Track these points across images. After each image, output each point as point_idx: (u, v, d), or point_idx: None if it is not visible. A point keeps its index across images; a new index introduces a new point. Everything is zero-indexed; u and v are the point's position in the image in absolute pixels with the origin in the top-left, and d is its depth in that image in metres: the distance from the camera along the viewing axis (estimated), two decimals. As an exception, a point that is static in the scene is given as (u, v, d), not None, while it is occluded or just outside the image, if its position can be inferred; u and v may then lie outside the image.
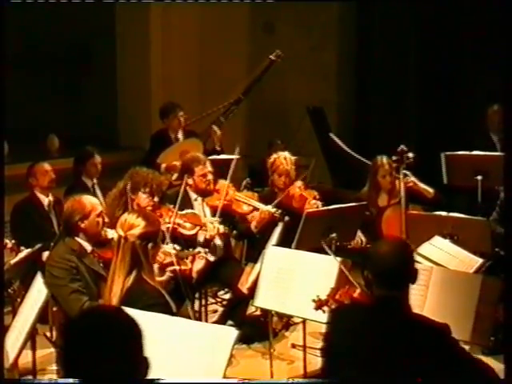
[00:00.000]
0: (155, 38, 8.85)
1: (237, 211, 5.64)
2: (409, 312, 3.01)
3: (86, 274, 4.22)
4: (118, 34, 8.88)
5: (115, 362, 2.05)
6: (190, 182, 5.59)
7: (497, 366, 4.67)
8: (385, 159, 5.96)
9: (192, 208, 5.57)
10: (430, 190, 5.90)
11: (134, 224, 3.84)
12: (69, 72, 9.35)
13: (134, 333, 2.11)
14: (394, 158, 5.73)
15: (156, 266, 4.09)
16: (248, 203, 5.66)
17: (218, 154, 6.93)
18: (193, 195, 5.62)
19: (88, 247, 4.36)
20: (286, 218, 5.39)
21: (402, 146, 5.65)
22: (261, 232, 5.63)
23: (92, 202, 4.44)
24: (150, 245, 3.79)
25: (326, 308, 3.76)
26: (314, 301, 3.79)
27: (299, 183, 5.99)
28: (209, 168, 5.58)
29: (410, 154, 5.64)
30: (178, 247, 4.70)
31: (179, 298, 4.24)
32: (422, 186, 5.88)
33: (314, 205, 5.66)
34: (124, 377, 2.06)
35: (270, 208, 5.58)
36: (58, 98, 9.26)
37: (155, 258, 3.96)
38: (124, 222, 3.90)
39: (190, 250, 4.79)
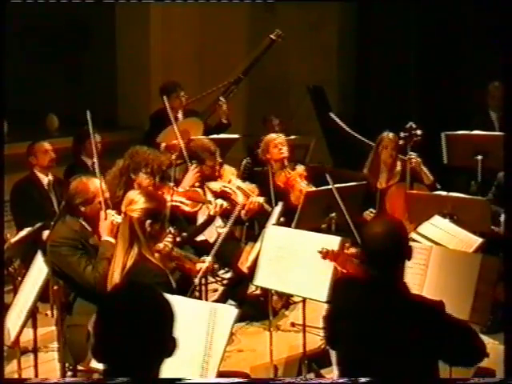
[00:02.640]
0: (155, 17, 8.80)
1: (232, 199, 5.64)
2: (403, 291, 3.00)
3: (92, 250, 4.24)
4: (117, 13, 8.83)
5: (147, 340, 2.09)
6: (194, 166, 5.64)
7: (495, 345, 4.72)
8: (391, 134, 5.94)
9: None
10: (431, 177, 5.89)
11: (133, 200, 3.88)
12: (68, 51, 9.30)
13: (166, 311, 2.14)
14: (402, 134, 5.69)
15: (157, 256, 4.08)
16: (245, 193, 5.67)
17: (225, 127, 6.92)
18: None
19: (89, 229, 4.35)
20: (279, 206, 5.38)
21: (411, 123, 5.62)
22: (250, 220, 5.72)
23: (97, 188, 4.36)
24: (148, 221, 3.80)
25: (329, 260, 3.86)
26: (319, 252, 3.91)
27: (301, 169, 6.10)
28: (218, 159, 5.63)
29: (419, 132, 5.61)
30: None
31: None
32: (425, 170, 5.88)
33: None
34: (154, 355, 2.10)
35: (260, 199, 5.62)
36: (58, 77, 9.22)
37: (159, 237, 3.97)
38: (126, 199, 3.95)
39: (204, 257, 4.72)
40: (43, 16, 8.94)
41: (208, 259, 4.51)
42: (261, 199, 5.64)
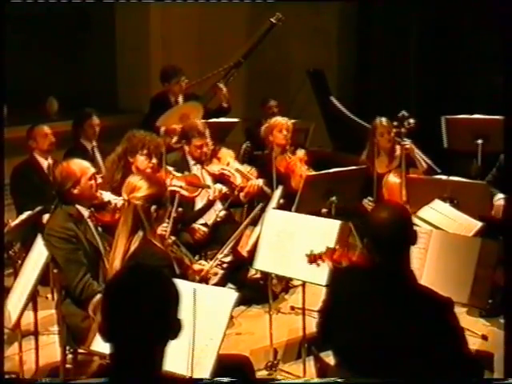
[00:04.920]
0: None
1: (231, 181, 5.65)
2: (409, 279, 2.99)
3: (85, 242, 4.21)
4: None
5: (153, 321, 2.11)
6: (187, 149, 5.63)
7: (494, 329, 4.74)
8: (383, 118, 5.97)
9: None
10: (424, 165, 5.89)
11: (136, 186, 3.85)
12: (68, 34, 9.28)
13: (171, 293, 2.17)
14: (395, 123, 5.71)
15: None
16: (245, 175, 5.67)
17: (226, 111, 6.91)
18: (191, 161, 5.67)
19: (85, 212, 4.32)
20: (279, 190, 5.37)
21: (404, 112, 5.62)
22: (249, 202, 5.73)
23: (81, 166, 4.32)
24: (153, 207, 3.79)
25: (320, 262, 3.77)
26: (307, 255, 3.81)
27: (302, 154, 6.11)
28: (206, 140, 5.60)
29: (411, 120, 5.61)
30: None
31: None
32: (418, 156, 5.88)
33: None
34: (159, 336, 2.13)
35: (259, 182, 5.62)
36: (58, 61, 9.19)
37: (162, 220, 3.97)
38: (127, 185, 3.91)
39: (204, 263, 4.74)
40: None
41: (207, 265, 4.52)
42: (260, 181, 5.65)
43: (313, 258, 3.80)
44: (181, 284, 2.38)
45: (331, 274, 3.41)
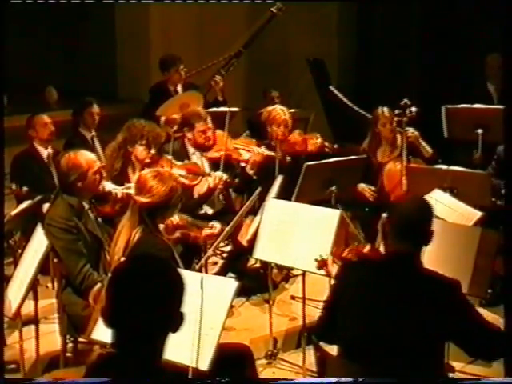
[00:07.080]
0: (154, -11, 8.75)
1: (238, 159, 5.64)
2: (419, 267, 3.06)
3: (86, 233, 4.21)
4: (116, -15, 8.77)
5: (156, 311, 2.10)
6: (189, 136, 5.61)
7: (494, 318, 4.74)
8: (385, 108, 5.95)
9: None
10: (429, 150, 5.90)
11: (146, 187, 3.86)
12: (68, 23, 9.25)
13: (177, 286, 2.15)
14: (396, 111, 5.69)
15: (162, 226, 4.04)
16: (246, 149, 5.66)
17: (221, 105, 6.90)
18: (191, 149, 5.66)
19: (86, 204, 4.31)
20: (279, 179, 5.35)
21: (406, 100, 5.61)
22: (258, 174, 5.65)
23: (88, 160, 4.27)
24: (160, 211, 3.81)
25: (329, 267, 3.77)
26: (316, 260, 3.81)
27: (297, 131, 6.09)
28: (209, 125, 5.59)
29: (413, 108, 5.60)
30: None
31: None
32: (423, 143, 5.88)
33: (317, 140, 5.78)
34: (160, 328, 2.11)
35: (263, 150, 5.59)
36: (57, 50, 9.18)
37: (167, 219, 3.97)
38: (139, 182, 3.90)
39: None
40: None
41: (217, 225, 4.50)
42: (263, 148, 5.62)
43: (322, 263, 3.79)
44: (187, 274, 2.39)
45: (341, 267, 3.41)
